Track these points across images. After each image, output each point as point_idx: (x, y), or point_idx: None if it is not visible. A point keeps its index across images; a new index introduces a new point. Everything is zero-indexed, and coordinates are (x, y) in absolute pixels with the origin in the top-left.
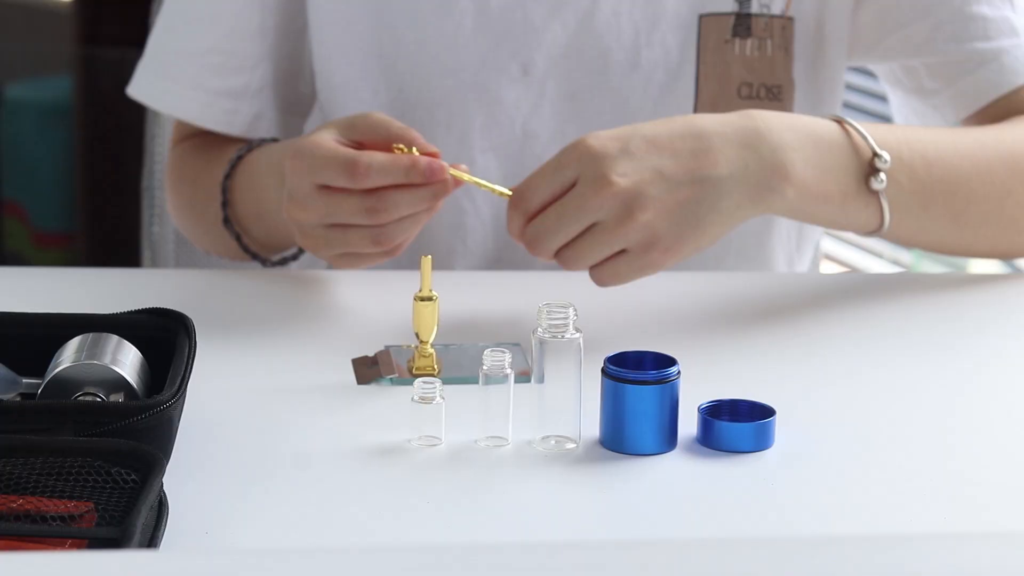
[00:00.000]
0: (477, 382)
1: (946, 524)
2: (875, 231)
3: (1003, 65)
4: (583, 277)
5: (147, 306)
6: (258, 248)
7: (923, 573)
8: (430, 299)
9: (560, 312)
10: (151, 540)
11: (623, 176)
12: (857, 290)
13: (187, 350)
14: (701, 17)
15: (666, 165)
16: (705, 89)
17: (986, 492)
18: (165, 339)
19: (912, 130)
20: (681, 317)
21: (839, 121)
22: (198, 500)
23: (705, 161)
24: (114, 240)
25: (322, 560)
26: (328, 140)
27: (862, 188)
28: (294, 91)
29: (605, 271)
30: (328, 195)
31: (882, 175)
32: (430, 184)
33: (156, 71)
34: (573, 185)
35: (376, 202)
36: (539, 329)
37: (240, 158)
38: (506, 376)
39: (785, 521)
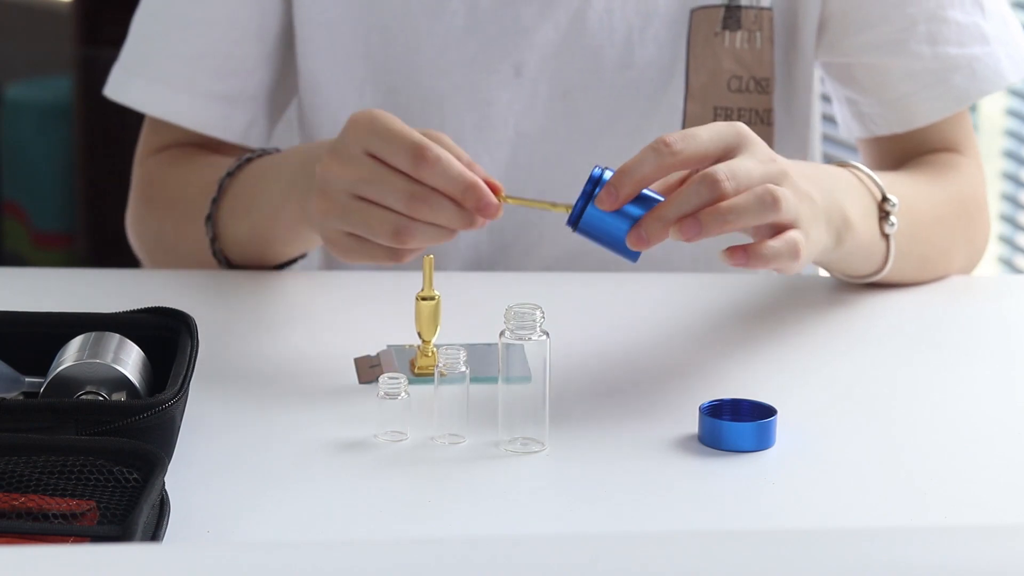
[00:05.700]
0: (477, 381)
1: (946, 521)
2: (869, 276)
3: (975, 72)
4: (582, 276)
5: (147, 306)
6: (231, 254)
7: (923, 568)
8: (432, 298)
9: (527, 314)
10: (152, 539)
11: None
12: (857, 290)
13: (189, 349)
14: (693, 11)
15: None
16: (695, 82)
17: (985, 489)
18: (167, 338)
19: (885, 175)
20: (682, 317)
21: (843, 165)
22: (200, 499)
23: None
24: (114, 240)
25: (322, 557)
26: (396, 118)
27: (879, 232)
28: (279, 96)
29: (775, 244)
30: (377, 163)
31: (893, 219)
32: (476, 211)
33: (141, 73)
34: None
35: (423, 193)
36: (506, 332)
37: (249, 160)
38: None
39: (787, 520)
